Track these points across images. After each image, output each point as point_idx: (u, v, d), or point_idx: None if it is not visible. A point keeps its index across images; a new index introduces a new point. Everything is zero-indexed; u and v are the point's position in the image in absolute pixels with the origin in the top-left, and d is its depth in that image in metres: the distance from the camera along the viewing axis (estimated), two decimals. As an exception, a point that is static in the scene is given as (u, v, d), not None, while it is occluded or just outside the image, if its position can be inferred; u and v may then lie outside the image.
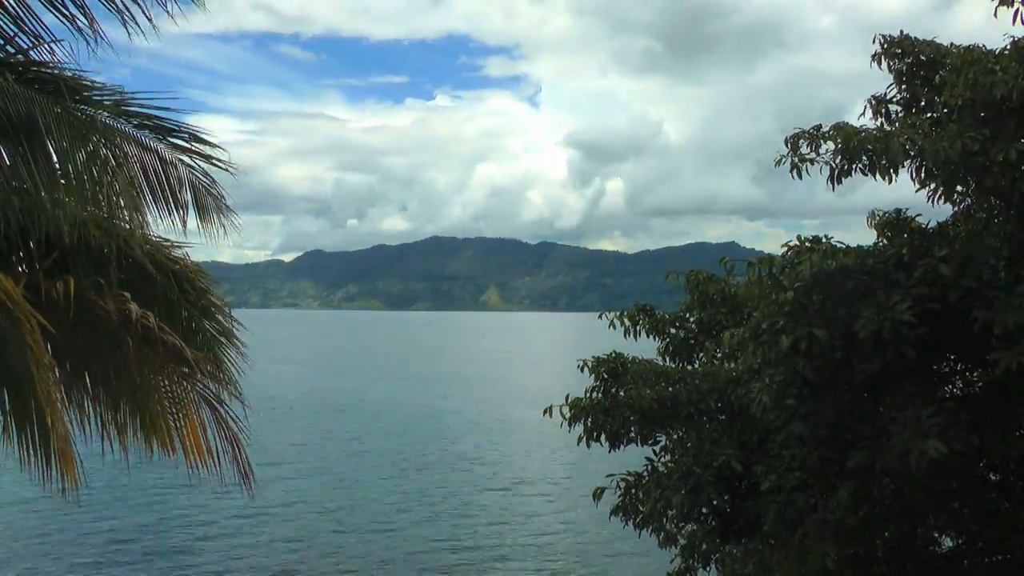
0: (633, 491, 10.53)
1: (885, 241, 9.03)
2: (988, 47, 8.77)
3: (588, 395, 11.09)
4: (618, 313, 11.80)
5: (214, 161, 6.90)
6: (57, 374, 5.94)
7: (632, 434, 10.81)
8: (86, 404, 6.38)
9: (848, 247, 8.54)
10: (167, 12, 5.96)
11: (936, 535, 10.31)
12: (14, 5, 5.98)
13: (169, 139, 6.73)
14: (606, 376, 11.04)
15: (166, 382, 6.27)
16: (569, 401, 11.02)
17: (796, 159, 8.42)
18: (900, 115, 10.10)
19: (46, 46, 6.14)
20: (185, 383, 6.30)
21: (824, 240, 8.57)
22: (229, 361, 7.05)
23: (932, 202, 9.51)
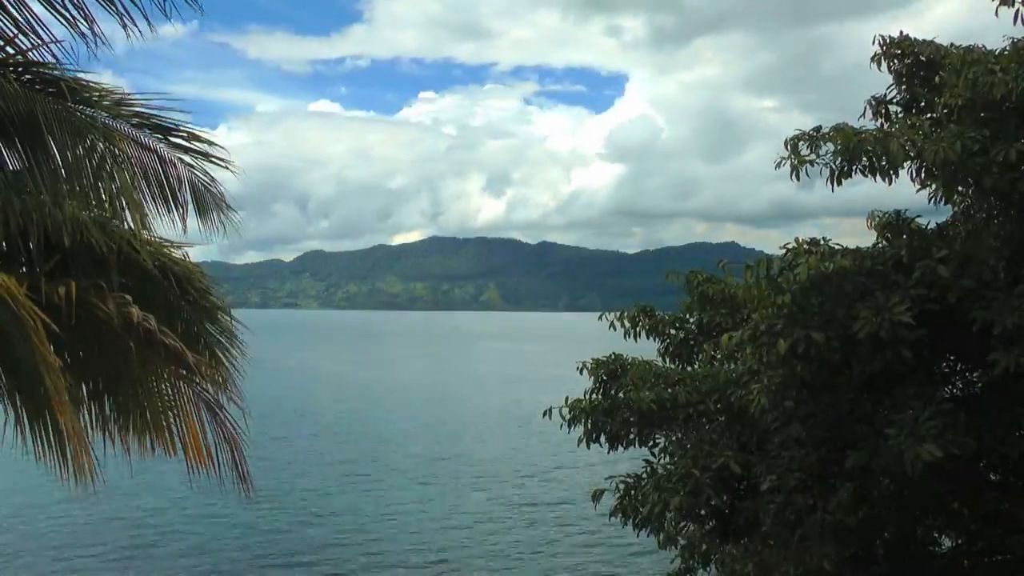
0: (632, 492, 10.53)
1: (884, 242, 9.01)
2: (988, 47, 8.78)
3: (588, 396, 11.08)
4: (618, 314, 11.81)
5: (213, 159, 6.90)
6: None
7: (631, 436, 10.81)
8: (88, 405, 6.38)
9: (846, 249, 8.51)
10: (166, 15, 5.96)
11: (936, 535, 10.31)
12: (15, 6, 5.98)
13: (168, 138, 6.72)
14: (605, 378, 11.03)
15: (167, 384, 6.27)
16: (569, 403, 11.02)
17: (796, 161, 8.41)
18: (900, 116, 10.09)
19: (46, 47, 6.14)
20: (185, 385, 6.30)
21: (823, 242, 8.56)
22: (230, 362, 7.05)
23: (933, 202, 9.51)
